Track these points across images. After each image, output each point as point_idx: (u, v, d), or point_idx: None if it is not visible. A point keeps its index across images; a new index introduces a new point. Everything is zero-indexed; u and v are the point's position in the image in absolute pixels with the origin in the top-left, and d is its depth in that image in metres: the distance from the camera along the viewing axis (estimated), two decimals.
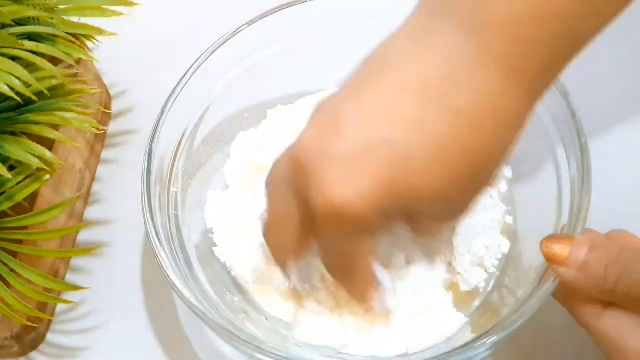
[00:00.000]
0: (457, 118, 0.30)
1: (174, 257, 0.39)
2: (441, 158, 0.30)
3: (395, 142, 0.30)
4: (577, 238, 0.34)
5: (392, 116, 0.30)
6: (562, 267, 0.34)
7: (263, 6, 0.46)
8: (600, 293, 0.33)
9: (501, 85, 0.30)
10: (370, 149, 0.30)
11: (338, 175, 0.30)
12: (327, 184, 0.31)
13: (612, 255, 0.33)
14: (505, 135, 0.32)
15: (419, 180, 0.30)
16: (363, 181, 0.30)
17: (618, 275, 0.32)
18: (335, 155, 0.31)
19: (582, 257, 0.34)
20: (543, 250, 0.35)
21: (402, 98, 0.30)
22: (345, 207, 0.30)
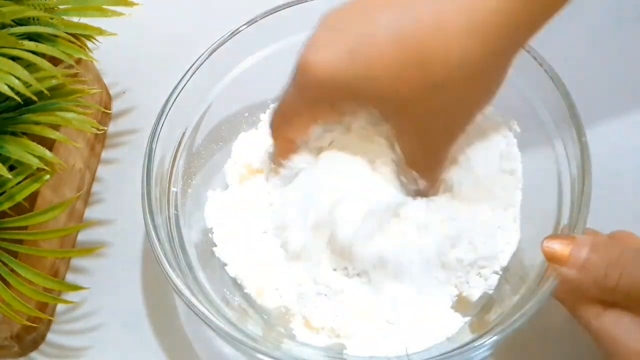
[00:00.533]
0: (424, 14, 0.33)
1: (174, 257, 0.39)
2: (398, 44, 0.33)
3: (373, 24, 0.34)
4: (578, 238, 0.35)
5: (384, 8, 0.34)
6: (563, 266, 0.34)
7: (263, 6, 0.46)
8: (601, 293, 0.33)
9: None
10: (352, 27, 0.34)
11: (321, 40, 0.35)
12: (311, 45, 0.35)
13: (612, 255, 0.33)
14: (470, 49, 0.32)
15: (374, 61, 0.33)
16: (336, 48, 0.34)
17: (619, 275, 0.33)
18: (329, 28, 0.35)
19: (583, 257, 0.34)
20: (544, 250, 0.35)
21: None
22: (311, 65, 0.35)
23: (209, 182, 0.46)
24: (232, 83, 0.47)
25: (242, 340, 0.35)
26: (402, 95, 0.34)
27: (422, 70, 0.33)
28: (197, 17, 0.59)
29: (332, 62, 0.34)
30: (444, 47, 0.32)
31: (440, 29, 0.32)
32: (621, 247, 0.34)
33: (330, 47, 0.34)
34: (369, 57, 0.33)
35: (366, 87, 0.34)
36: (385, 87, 0.34)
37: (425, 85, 0.33)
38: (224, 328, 0.36)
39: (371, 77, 0.34)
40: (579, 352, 0.41)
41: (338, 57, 0.34)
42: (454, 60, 0.33)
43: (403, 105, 0.35)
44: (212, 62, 0.45)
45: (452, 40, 0.32)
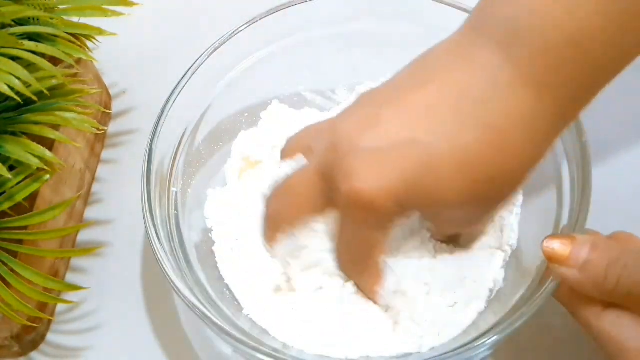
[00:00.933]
0: (486, 133, 0.32)
1: (174, 257, 0.39)
2: (464, 170, 0.33)
3: (425, 146, 0.33)
4: (578, 238, 0.34)
5: (427, 121, 0.33)
6: (563, 266, 0.34)
7: (263, 6, 0.46)
8: (601, 293, 0.33)
9: (532, 107, 0.32)
10: (402, 147, 0.33)
11: (368, 167, 0.33)
12: (356, 173, 0.33)
13: (612, 255, 0.33)
14: (529, 155, 0.33)
15: (439, 186, 0.33)
16: (389, 176, 0.33)
17: (618, 276, 0.32)
18: (369, 147, 0.33)
19: (583, 257, 0.34)
20: (544, 250, 0.35)
21: (439, 106, 0.33)
22: (370, 197, 0.33)
23: (209, 182, 0.46)
24: (232, 83, 0.47)
25: (242, 340, 0.35)
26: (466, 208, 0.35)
27: (489, 189, 0.34)
28: (197, 17, 0.59)
29: (388, 192, 0.33)
30: (514, 165, 0.33)
31: (507, 149, 0.33)
32: (621, 248, 0.34)
33: (383, 171, 0.33)
34: (433, 186, 0.33)
35: (427, 209, 0.35)
36: (449, 206, 0.34)
37: (489, 194, 0.34)
38: (224, 328, 0.36)
39: (434, 202, 0.34)
40: (579, 352, 0.41)
41: (392, 185, 0.33)
42: (523, 174, 0.34)
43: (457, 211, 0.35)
44: (212, 62, 0.45)
45: (515, 154, 0.33)
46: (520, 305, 0.36)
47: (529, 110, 0.32)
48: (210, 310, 0.37)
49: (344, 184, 0.34)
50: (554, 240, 0.35)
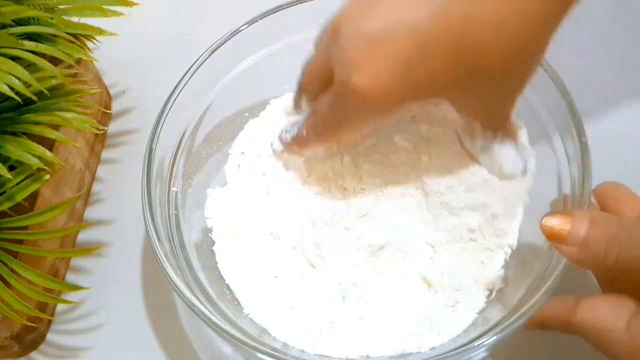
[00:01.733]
0: (477, 8, 0.31)
1: (174, 257, 0.39)
2: (457, 49, 0.32)
3: (416, 27, 0.32)
4: (576, 214, 0.34)
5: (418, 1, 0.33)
6: (563, 244, 0.34)
7: (263, 6, 0.46)
8: (601, 269, 0.34)
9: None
10: (394, 32, 0.33)
11: (362, 59, 0.33)
12: (351, 64, 0.34)
13: (611, 231, 0.33)
14: (521, 30, 0.32)
15: (432, 68, 0.33)
16: (384, 69, 0.33)
17: (617, 252, 0.32)
18: (363, 32, 0.34)
19: (582, 234, 0.33)
20: (543, 228, 0.35)
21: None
22: (365, 93, 0.34)
23: (209, 182, 0.46)
24: (232, 83, 0.47)
25: (242, 340, 0.35)
26: (457, 90, 0.34)
27: (485, 69, 0.33)
28: (197, 17, 0.59)
29: (387, 84, 0.34)
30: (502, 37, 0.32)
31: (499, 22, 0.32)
32: (620, 222, 0.33)
33: (378, 70, 0.34)
34: (430, 73, 0.33)
35: (428, 91, 0.34)
36: (442, 91, 0.34)
37: (485, 74, 0.33)
38: (224, 328, 0.36)
39: (436, 89, 0.34)
40: (578, 352, 0.41)
41: (392, 75, 0.33)
42: (513, 47, 0.32)
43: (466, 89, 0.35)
44: (212, 62, 0.45)
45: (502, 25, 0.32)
46: (520, 305, 0.36)
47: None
48: (210, 310, 0.37)
49: (341, 76, 0.35)
50: (553, 217, 0.34)
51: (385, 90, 0.34)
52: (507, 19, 0.32)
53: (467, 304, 0.40)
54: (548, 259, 0.37)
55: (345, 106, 0.36)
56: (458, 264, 0.41)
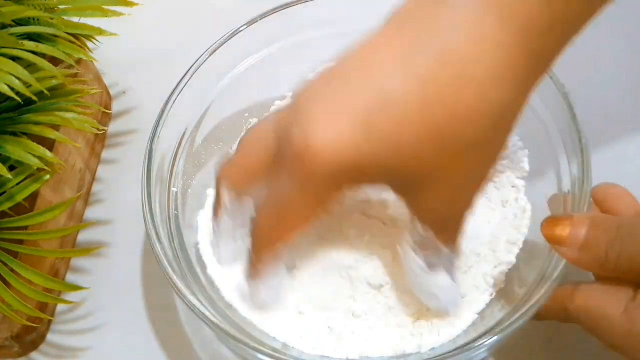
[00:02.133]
0: (444, 58, 0.28)
1: (174, 257, 0.39)
2: (421, 106, 0.28)
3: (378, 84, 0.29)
4: (576, 217, 0.34)
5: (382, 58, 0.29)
6: (563, 247, 0.34)
7: (263, 6, 0.46)
8: (603, 270, 0.34)
9: (492, 30, 0.28)
10: (356, 90, 0.29)
11: (320, 116, 0.30)
12: (310, 122, 0.30)
13: (611, 232, 0.33)
14: (494, 92, 0.29)
15: (395, 126, 0.29)
16: (341, 123, 0.29)
17: (618, 252, 0.33)
18: (324, 96, 0.30)
19: (582, 236, 0.34)
20: (543, 232, 0.35)
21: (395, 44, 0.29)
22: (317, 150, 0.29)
23: (209, 182, 0.46)
24: (232, 83, 0.47)
25: (242, 340, 0.35)
26: (432, 163, 0.30)
27: (455, 131, 0.29)
28: (197, 18, 0.59)
29: (342, 142, 0.29)
30: (475, 100, 0.29)
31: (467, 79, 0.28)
32: (618, 223, 0.34)
33: (335, 122, 0.29)
34: (389, 125, 0.29)
35: (388, 162, 0.30)
36: (411, 157, 0.30)
37: (458, 147, 0.30)
38: (224, 328, 0.36)
39: (394, 150, 0.29)
40: (579, 352, 0.41)
41: (349, 133, 0.29)
42: (487, 113, 0.29)
43: (430, 174, 0.30)
44: (212, 62, 0.45)
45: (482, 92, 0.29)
46: (520, 305, 0.36)
47: (489, 32, 0.28)
48: (210, 310, 0.37)
49: (296, 134, 0.30)
50: (553, 221, 0.35)
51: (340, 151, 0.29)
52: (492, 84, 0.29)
53: (467, 304, 0.40)
54: (548, 259, 0.37)
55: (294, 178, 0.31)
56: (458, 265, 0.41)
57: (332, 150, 0.29)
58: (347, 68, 0.31)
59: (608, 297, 0.33)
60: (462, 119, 0.29)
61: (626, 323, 0.32)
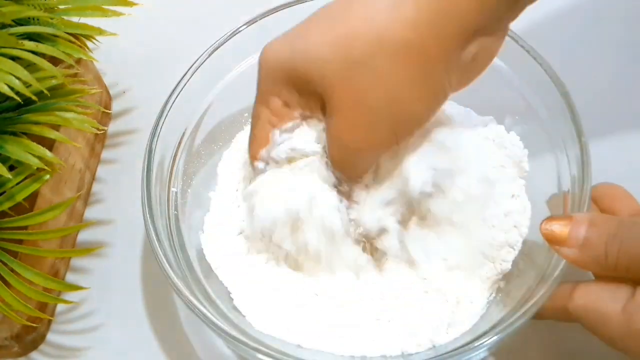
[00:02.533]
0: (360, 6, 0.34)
1: (174, 257, 0.39)
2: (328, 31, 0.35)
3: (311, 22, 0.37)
4: (575, 217, 0.35)
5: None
6: (563, 247, 0.34)
7: (263, 6, 0.46)
8: (603, 269, 0.34)
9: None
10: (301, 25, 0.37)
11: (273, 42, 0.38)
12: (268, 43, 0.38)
13: (610, 232, 0.33)
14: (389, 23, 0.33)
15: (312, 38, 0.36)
16: (279, 42, 0.38)
17: (617, 251, 0.33)
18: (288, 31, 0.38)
19: (581, 236, 0.34)
20: (543, 232, 0.35)
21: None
22: (263, 55, 0.38)
23: (209, 182, 0.46)
24: (232, 83, 0.47)
25: (242, 340, 0.35)
26: (331, 73, 0.35)
27: (344, 49, 0.34)
28: (197, 17, 0.59)
29: (277, 51, 0.37)
30: (367, 21, 0.34)
31: (367, 19, 0.34)
32: (618, 222, 0.34)
33: (278, 42, 0.38)
34: (305, 46, 0.36)
35: (302, 69, 0.36)
36: (316, 67, 0.35)
37: (348, 62, 0.34)
38: (224, 328, 0.36)
39: (305, 60, 0.36)
40: (579, 352, 0.41)
41: (283, 48, 0.37)
42: (374, 36, 0.33)
43: (332, 86, 0.35)
44: (212, 62, 0.45)
45: (375, 22, 0.33)
46: (520, 305, 0.36)
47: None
48: (210, 310, 0.37)
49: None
50: (552, 222, 0.35)
51: (275, 55, 0.37)
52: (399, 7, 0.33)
53: (468, 304, 0.40)
54: (548, 259, 0.37)
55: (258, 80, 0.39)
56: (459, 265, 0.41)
57: (267, 58, 0.38)
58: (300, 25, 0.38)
59: (607, 296, 0.34)
60: (355, 37, 0.34)
61: (624, 321, 0.32)
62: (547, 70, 0.41)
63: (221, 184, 0.46)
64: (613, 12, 0.56)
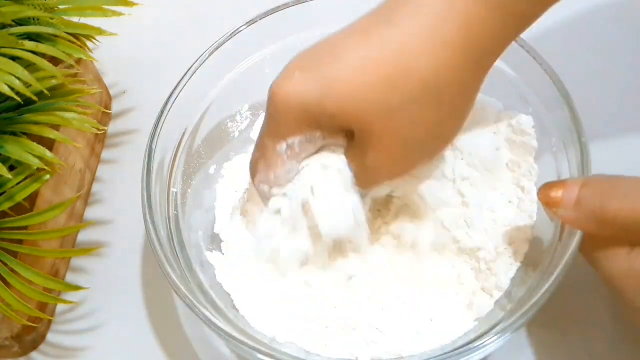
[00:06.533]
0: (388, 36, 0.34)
1: (174, 257, 0.39)
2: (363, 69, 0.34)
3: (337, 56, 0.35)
4: (569, 181, 0.36)
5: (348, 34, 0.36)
6: (559, 208, 0.35)
7: (263, 6, 0.46)
8: (600, 226, 0.34)
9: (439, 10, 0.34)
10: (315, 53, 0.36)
11: (286, 71, 0.36)
12: (279, 76, 0.36)
13: (603, 185, 0.34)
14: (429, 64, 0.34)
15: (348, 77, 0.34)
16: (296, 75, 0.36)
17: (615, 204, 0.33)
18: (297, 59, 0.36)
19: (575, 195, 0.35)
20: (539, 197, 0.36)
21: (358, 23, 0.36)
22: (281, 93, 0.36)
23: (209, 182, 0.46)
24: (232, 83, 0.47)
25: (242, 340, 0.35)
26: (368, 116, 0.35)
27: (385, 92, 0.34)
28: (197, 17, 0.59)
29: (301, 91, 0.35)
30: (406, 67, 0.34)
31: (404, 52, 0.34)
32: (614, 179, 0.34)
33: (298, 77, 0.36)
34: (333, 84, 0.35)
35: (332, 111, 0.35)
36: (351, 110, 0.35)
37: (389, 105, 0.34)
38: (224, 328, 0.36)
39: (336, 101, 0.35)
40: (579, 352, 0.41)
41: (305, 85, 0.35)
42: (417, 78, 0.34)
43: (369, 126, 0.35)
44: (212, 62, 0.45)
45: (414, 61, 0.34)
46: (520, 305, 0.36)
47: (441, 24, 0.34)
48: (210, 310, 0.37)
49: (270, 87, 0.36)
50: (548, 187, 0.36)
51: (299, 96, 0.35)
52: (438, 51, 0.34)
53: (468, 304, 0.40)
54: (548, 259, 0.37)
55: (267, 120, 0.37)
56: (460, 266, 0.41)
57: (286, 94, 0.35)
58: (320, 49, 0.37)
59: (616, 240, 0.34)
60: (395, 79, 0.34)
61: (628, 261, 0.33)
62: (547, 70, 0.41)
63: (223, 185, 0.46)
64: (613, 12, 0.56)
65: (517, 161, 0.43)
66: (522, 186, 0.43)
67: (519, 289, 0.39)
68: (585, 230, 0.35)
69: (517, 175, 0.43)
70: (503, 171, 0.43)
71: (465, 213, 0.41)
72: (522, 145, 0.43)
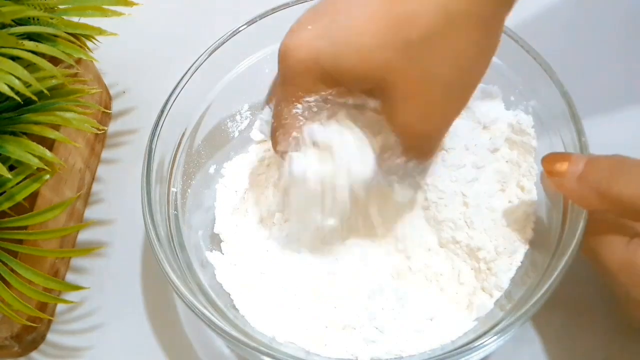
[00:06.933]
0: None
1: (174, 257, 0.39)
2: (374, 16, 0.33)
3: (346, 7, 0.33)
4: (574, 154, 0.36)
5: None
6: (563, 179, 0.35)
7: (263, 6, 0.46)
8: (603, 201, 0.34)
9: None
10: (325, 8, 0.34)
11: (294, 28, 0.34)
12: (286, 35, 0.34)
13: (608, 162, 0.34)
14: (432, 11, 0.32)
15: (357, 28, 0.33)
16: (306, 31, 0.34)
17: (622, 181, 0.33)
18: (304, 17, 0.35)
19: (579, 169, 0.35)
20: (544, 165, 0.36)
21: None
22: (292, 49, 0.34)
23: (209, 182, 0.46)
24: (232, 83, 0.47)
25: (242, 340, 0.35)
26: (389, 62, 0.33)
27: (402, 31, 0.32)
28: (197, 17, 0.59)
29: (312, 44, 0.33)
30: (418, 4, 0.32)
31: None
32: (621, 157, 0.34)
33: (309, 32, 0.34)
34: (349, 34, 0.33)
35: (350, 63, 0.33)
36: (369, 58, 0.33)
37: (408, 45, 0.32)
38: (224, 328, 0.36)
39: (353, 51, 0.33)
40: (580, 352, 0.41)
41: (318, 38, 0.33)
42: (431, 14, 0.32)
43: (392, 74, 0.33)
44: (212, 62, 0.45)
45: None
46: (520, 305, 0.36)
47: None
48: (210, 310, 0.37)
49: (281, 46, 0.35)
50: (553, 156, 0.36)
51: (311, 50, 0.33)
52: None
53: (468, 304, 0.40)
54: (548, 259, 0.37)
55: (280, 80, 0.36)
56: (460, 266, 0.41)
57: (305, 49, 0.33)
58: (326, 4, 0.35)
59: (616, 230, 0.34)
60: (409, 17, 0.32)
61: (626, 253, 0.34)
62: (547, 70, 0.41)
63: (223, 185, 0.46)
64: (613, 12, 0.56)
65: (517, 161, 0.43)
66: (522, 186, 0.43)
67: (519, 289, 0.39)
68: (586, 205, 0.35)
69: (517, 175, 0.43)
70: (502, 170, 0.43)
71: (465, 213, 0.41)
72: (522, 145, 0.43)
